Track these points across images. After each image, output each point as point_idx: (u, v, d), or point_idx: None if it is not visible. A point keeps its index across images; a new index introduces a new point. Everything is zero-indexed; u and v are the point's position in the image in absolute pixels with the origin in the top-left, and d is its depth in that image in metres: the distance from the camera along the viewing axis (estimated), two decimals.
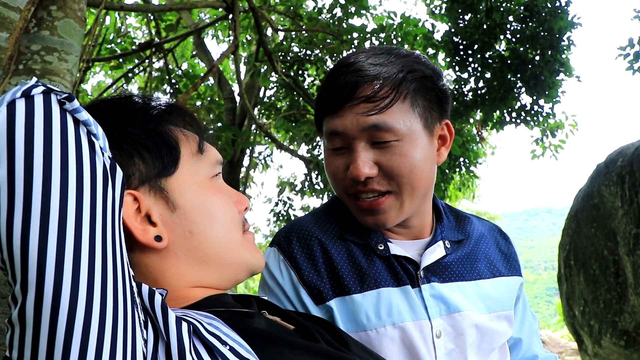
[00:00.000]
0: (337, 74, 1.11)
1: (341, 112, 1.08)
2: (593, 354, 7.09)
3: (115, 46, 8.63)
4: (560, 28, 7.15)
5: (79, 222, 0.57)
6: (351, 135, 1.08)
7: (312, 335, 0.83)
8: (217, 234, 0.85)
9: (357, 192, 1.12)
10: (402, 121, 1.06)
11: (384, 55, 1.11)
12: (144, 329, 0.64)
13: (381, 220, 1.13)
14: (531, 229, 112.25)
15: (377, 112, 1.05)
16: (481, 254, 1.27)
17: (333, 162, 1.14)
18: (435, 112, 1.14)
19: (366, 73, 1.07)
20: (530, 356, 1.38)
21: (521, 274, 1.34)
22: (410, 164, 1.08)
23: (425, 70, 1.12)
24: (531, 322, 1.40)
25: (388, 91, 1.06)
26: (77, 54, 2.58)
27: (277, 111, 9.35)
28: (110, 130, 0.79)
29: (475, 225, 1.34)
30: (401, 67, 1.09)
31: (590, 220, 6.91)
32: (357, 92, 1.06)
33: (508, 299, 1.27)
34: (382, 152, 1.08)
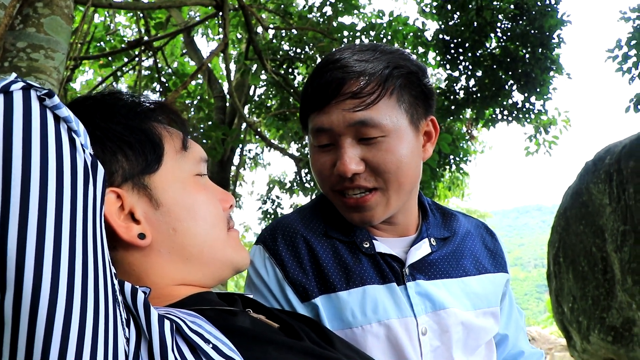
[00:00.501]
0: (322, 70, 1.10)
1: (327, 108, 1.07)
2: (581, 350, 7.14)
3: (104, 44, 8.58)
4: (550, 26, 7.19)
5: (59, 220, 0.56)
6: (337, 132, 1.07)
7: (297, 334, 0.82)
8: (201, 232, 0.84)
9: (343, 189, 1.11)
10: (388, 117, 1.06)
11: (370, 52, 1.11)
12: (126, 327, 0.63)
13: (368, 217, 1.13)
14: (521, 226, 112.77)
15: (363, 108, 1.05)
16: (467, 250, 1.27)
17: (319, 159, 1.14)
18: (420, 108, 1.14)
19: (352, 69, 1.06)
20: (516, 352, 1.38)
21: (507, 271, 1.34)
22: (397, 159, 1.07)
23: (410, 66, 1.12)
24: (517, 318, 1.40)
25: (374, 87, 1.05)
26: (64, 51, 2.56)
27: (267, 109, 9.35)
28: (93, 128, 0.78)
29: (462, 222, 1.33)
30: (387, 63, 1.09)
31: (579, 218, 6.96)
32: (343, 88, 1.06)
33: (494, 296, 1.27)
34: (368, 148, 1.07)
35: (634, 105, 5.13)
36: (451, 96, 8.06)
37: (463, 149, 8.37)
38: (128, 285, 0.67)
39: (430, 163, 5.28)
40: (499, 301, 1.29)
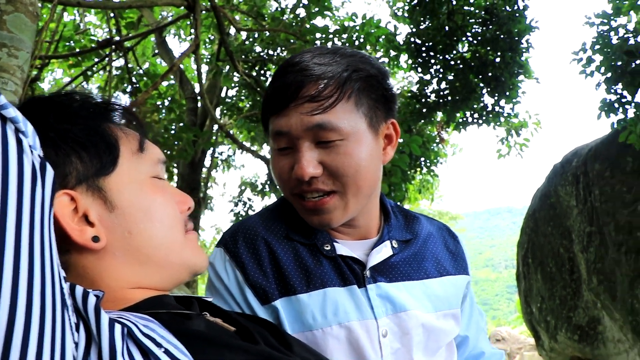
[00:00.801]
0: (282, 73, 1.10)
1: (286, 111, 1.07)
2: (549, 349, 7.27)
3: (73, 44, 8.45)
4: (519, 31, 7.31)
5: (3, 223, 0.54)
6: (295, 135, 1.07)
7: (253, 337, 0.82)
8: (157, 234, 0.83)
9: (302, 192, 1.11)
10: (346, 120, 1.06)
11: (330, 55, 1.11)
12: (76, 331, 0.62)
13: (326, 220, 1.13)
14: (492, 228, 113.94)
15: (321, 112, 1.04)
16: (429, 253, 1.28)
17: (279, 162, 1.13)
18: (380, 111, 1.14)
19: (311, 72, 1.06)
20: (477, 353, 1.40)
21: (468, 273, 1.35)
22: (355, 163, 1.07)
23: (370, 69, 1.12)
24: (478, 319, 1.41)
25: (332, 90, 1.05)
26: (28, 50, 2.51)
27: (239, 111, 9.30)
28: (46, 129, 0.77)
29: (424, 225, 1.34)
30: (346, 66, 1.09)
31: (547, 219, 7.09)
32: (301, 92, 1.05)
33: (455, 298, 1.28)
34: (326, 152, 1.07)
35: (605, 112, 5.24)
36: (422, 99, 8.13)
37: (434, 152, 8.45)
38: (79, 289, 0.66)
39: (401, 165, 5.32)
40: (460, 303, 1.30)
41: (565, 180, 6.64)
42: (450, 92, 7.89)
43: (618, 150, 5.76)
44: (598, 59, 5.20)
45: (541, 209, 7.29)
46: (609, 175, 5.81)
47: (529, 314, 7.63)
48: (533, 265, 7.37)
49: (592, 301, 6.18)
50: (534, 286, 7.36)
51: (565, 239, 6.68)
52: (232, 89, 10.06)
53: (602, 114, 5.26)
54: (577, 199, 6.35)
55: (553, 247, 6.93)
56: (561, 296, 6.75)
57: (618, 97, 5.18)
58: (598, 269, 5.84)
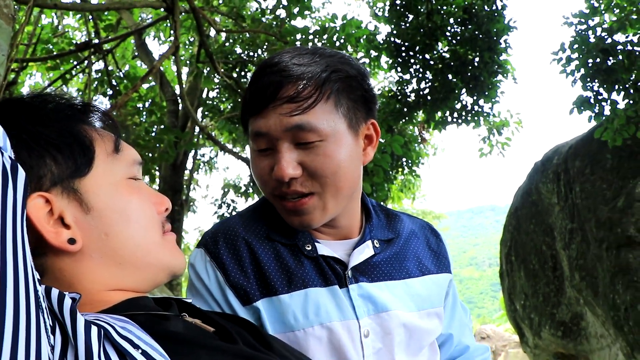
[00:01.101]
0: (261, 74, 1.09)
1: (265, 112, 1.07)
2: (533, 346, 7.33)
3: (52, 46, 8.36)
4: (497, 31, 7.38)
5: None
6: (275, 136, 1.06)
7: (232, 337, 0.82)
8: (134, 235, 0.82)
9: (281, 194, 1.11)
10: (325, 121, 1.06)
11: (309, 55, 1.11)
12: (52, 334, 0.62)
13: (306, 221, 1.12)
14: (476, 226, 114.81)
15: (300, 113, 1.04)
16: (410, 252, 1.28)
17: (259, 163, 1.13)
18: (360, 112, 1.14)
19: (289, 73, 1.06)
20: (462, 348, 1.40)
21: (450, 271, 1.35)
22: (335, 164, 1.07)
23: (349, 70, 1.11)
24: (461, 315, 1.42)
25: (311, 91, 1.05)
26: (4, 52, 2.47)
27: (220, 113, 9.27)
28: (18, 131, 0.76)
29: (406, 224, 1.34)
30: (325, 66, 1.08)
31: (529, 217, 7.14)
32: (280, 92, 1.05)
33: (437, 296, 1.28)
34: (306, 153, 1.07)
35: (577, 107, 5.31)
36: (402, 99, 8.17)
37: (415, 152, 8.49)
38: (55, 292, 0.65)
39: (383, 165, 5.33)
40: (443, 301, 1.30)
41: (547, 177, 6.70)
42: (429, 92, 7.94)
43: (597, 148, 5.82)
44: (576, 57, 5.27)
45: (523, 207, 7.35)
46: (589, 172, 5.87)
47: (512, 311, 7.68)
48: (516, 262, 7.42)
49: (574, 297, 6.24)
50: (518, 284, 7.41)
51: (547, 236, 6.74)
52: (212, 90, 10.03)
53: (575, 110, 5.32)
54: (559, 196, 6.40)
55: (535, 244, 6.99)
56: (544, 293, 6.81)
57: (594, 94, 5.25)
58: (580, 266, 5.89)
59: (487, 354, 1.43)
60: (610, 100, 5.19)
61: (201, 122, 9.23)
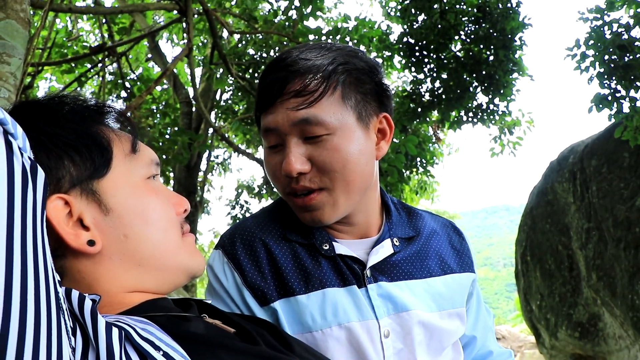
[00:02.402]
0: (269, 70, 1.09)
1: (273, 108, 1.06)
2: (550, 347, 7.26)
3: (66, 50, 8.43)
4: (512, 28, 7.32)
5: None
6: (283, 131, 1.06)
7: (253, 338, 0.81)
8: (153, 237, 0.82)
9: (292, 190, 1.10)
10: (332, 114, 1.04)
11: (317, 50, 1.10)
12: (72, 336, 0.61)
13: (317, 217, 1.11)
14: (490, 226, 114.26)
15: (306, 106, 1.03)
16: (432, 251, 1.25)
17: (271, 160, 1.12)
18: (370, 105, 1.12)
19: (296, 68, 1.05)
20: (485, 352, 1.37)
21: (474, 271, 1.32)
22: (343, 158, 1.05)
23: (357, 63, 1.10)
24: (486, 318, 1.39)
25: (317, 84, 1.04)
26: (20, 56, 2.49)
27: (233, 114, 9.30)
28: (37, 133, 0.76)
29: (427, 222, 1.32)
30: (332, 60, 1.07)
31: (545, 217, 7.08)
32: (287, 87, 1.04)
33: (460, 296, 1.25)
34: (314, 147, 1.06)
35: (595, 105, 5.24)
36: (416, 99, 8.14)
37: (430, 152, 8.45)
38: (75, 293, 0.65)
39: (398, 165, 5.30)
40: (465, 301, 1.28)
41: (562, 177, 6.64)
42: (444, 91, 7.90)
43: (615, 146, 5.76)
44: (592, 54, 5.20)
45: (538, 207, 7.29)
46: (606, 171, 5.81)
47: (528, 312, 7.62)
48: (532, 262, 7.36)
49: (592, 298, 6.17)
50: (533, 284, 7.35)
51: (563, 235, 6.68)
52: (226, 92, 10.07)
53: (594, 109, 5.26)
54: (575, 195, 6.34)
55: (551, 244, 6.93)
56: (561, 293, 6.75)
57: (612, 91, 5.18)
58: (597, 266, 5.83)
59: (510, 359, 1.40)
60: (629, 97, 5.12)
61: (215, 124, 9.26)
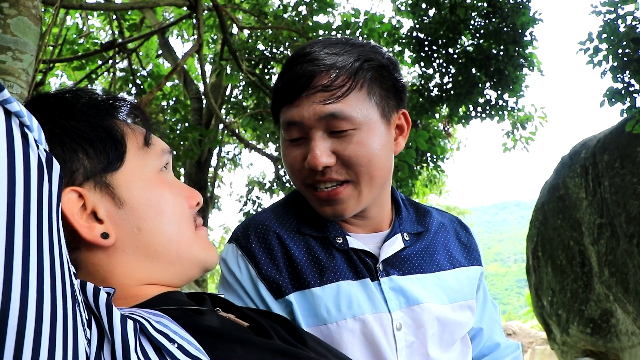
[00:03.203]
0: (293, 64, 1.10)
1: (298, 101, 1.07)
2: (561, 343, 7.23)
3: (77, 46, 8.47)
4: (523, 23, 7.27)
5: (11, 219, 0.53)
6: (308, 125, 1.07)
7: (267, 332, 0.81)
8: (167, 230, 0.82)
9: (315, 183, 1.11)
10: (359, 110, 1.06)
11: (340, 45, 1.11)
12: (87, 328, 0.62)
13: (340, 210, 1.12)
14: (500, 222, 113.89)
15: (333, 101, 1.04)
16: (440, 245, 1.28)
17: (290, 153, 1.13)
18: (392, 101, 1.14)
19: (322, 62, 1.06)
20: (492, 344, 1.39)
21: (481, 264, 1.35)
22: (368, 152, 1.07)
23: (381, 59, 1.12)
24: (492, 311, 1.41)
25: (344, 80, 1.05)
26: (32, 53, 2.50)
27: (243, 110, 9.31)
28: (52, 125, 0.76)
29: (435, 218, 1.34)
30: (357, 56, 1.09)
31: (556, 212, 7.04)
32: (313, 82, 1.05)
33: (469, 289, 1.27)
34: (339, 141, 1.07)
35: (608, 99, 5.19)
36: (425, 93, 8.11)
37: (440, 147, 8.42)
38: (90, 286, 0.66)
39: (408, 160, 5.29)
40: (474, 293, 1.30)
41: (574, 172, 6.59)
42: (453, 86, 7.87)
43: (627, 141, 5.71)
44: (605, 47, 5.15)
45: (550, 202, 7.24)
46: (619, 166, 5.76)
47: (540, 307, 7.59)
48: (543, 258, 7.32)
49: (604, 294, 6.13)
50: (545, 279, 7.31)
51: (575, 231, 6.63)
52: (236, 87, 10.08)
53: (606, 103, 5.21)
54: (587, 190, 6.30)
55: (563, 239, 6.89)
56: (572, 289, 6.71)
57: (625, 85, 5.13)
58: (609, 261, 5.79)
59: (518, 351, 1.41)
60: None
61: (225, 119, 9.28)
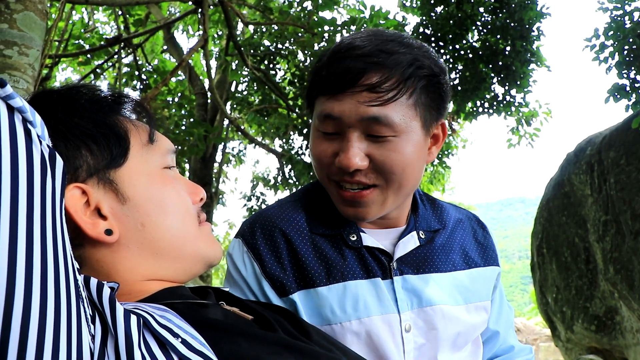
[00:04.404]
0: (341, 55, 1.04)
1: (341, 96, 1.02)
2: (566, 340, 7.22)
3: (83, 42, 8.49)
4: (530, 19, 7.24)
5: (14, 215, 0.53)
6: (347, 123, 1.02)
7: (271, 325, 0.81)
8: (171, 226, 0.82)
9: (341, 181, 1.07)
10: (402, 117, 1.01)
11: (394, 43, 1.04)
12: (92, 323, 0.61)
13: (362, 214, 1.09)
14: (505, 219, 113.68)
15: (379, 104, 0.99)
16: (456, 244, 1.24)
17: (321, 145, 1.09)
18: (435, 111, 1.08)
19: (373, 60, 1.00)
20: (506, 347, 1.36)
21: (498, 264, 1.31)
22: (403, 162, 1.03)
23: (433, 67, 1.05)
24: (508, 314, 1.38)
25: (394, 83, 1.00)
26: (38, 48, 2.51)
27: (249, 105, 9.30)
28: (55, 122, 0.76)
29: (452, 215, 1.30)
30: (412, 59, 1.02)
31: (562, 209, 7.01)
32: (361, 79, 1.00)
33: (485, 290, 1.24)
34: (376, 146, 1.03)
35: (613, 96, 5.17)
36: None
37: (445, 143, 8.40)
38: (94, 281, 0.65)
39: None
40: (490, 295, 1.26)
41: (579, 168, 6.56)
42: (460, 82, 7.84)
43: (633, 138, 5.68)
44: (611, 44, 5.13)
45: (555, 199, 7.22)
46: (625, 163, 5.73)
47: (544, 304, 7.57)
48: (548, 255, 7.30)
49: (609, 291, 6.12)
50: (549, 276, 7.29)
51: (580, 228, 6.61)
52: (241, 83, 10.07)
53: (611, 99, 5.18)
54: (592, 187, 6.27)
55: (568, 236, 6.86)
56: (577, 286, 6.69)
57: (631, 81, 5.11)
58: (614, 258, 5.77)
59: (531, 355, 1.38)
60: None
61: (230, 115, 9.28)
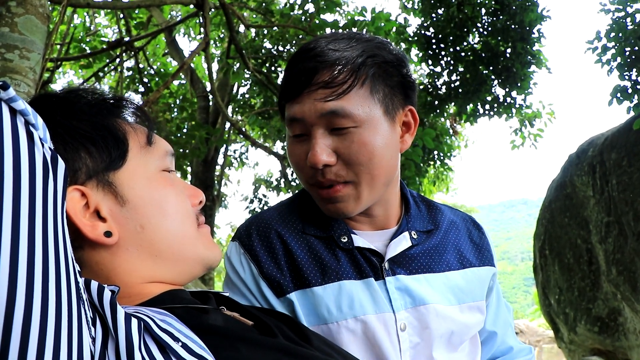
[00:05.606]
0: (297, 59, 1.08)
1: (300, 98, 1.05)
2: (569, 341, 7.20)
3: (84, 45, 8.50)
4: (531, 21, 7.23)
5: (16, 217, 0.53)
6: (309, 122, 1.05)
7: (271, 331, 0.81)
8: (170, 228, 0.83)
9: (316, 183, 1.09)
10: (360, 107, 1.04)
11: (345, 40, 1.08)
12: (92, 326, 0.62)
13: (341, 209, 1.10)
14: (507, 220, 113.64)
15: (334, 98, 1.02)
16: (450, 244, 1.25)
17: (295, 150, 1.12)
18: (397, 98, 1.11)
19: (325, 58, 1.04)
20: (505, 348, 1.36)
21: (494, 265, 1.31)
22: (369, 151, 1.05)
23: (386, 55, 1.09)
24: (505, 314, 1.38)
25: (346, 76, 1.03)
26: (39, 51, 2.52)
27: (250, 108, 9.32)
28: (54, 125, 0.77)
29: (447, 216, 1.31)
30: (361, 51, 1.06)
31: (564, 210, 7.01)
32: (315, 78, 1.03)
33: (479, 290, 1.24)
34: (340, 139, 1.05)
35: (616, 98, 5.17)
36: (433, 91, 8.09)
37: (447, 145, 8.41)
38: (94, 284, 0.66)
39: (415, 159, 5.28)
40: (485, 295, 1.27)
41: (581, 170, 6.56)
42: (461, 84, 7.84)
43: (635, 139, 5.68)
44: (613, 45, 5.13)
45: (557, 200, 7.21)
46: (627, 164, 5.73)
47: (547, 306, 7.56)
48: (550, 256, 7.30)
49: (611, 292, 6.11)
50: (552, 278, 7.28)
51: (582, 229, 6.60)
52: (243, 86, 10.09)
53: (614, 101, 5.18)
54: (594, 189, 6.27)
55: (570, 238, 6.86)
56: (580, 288, 6.68)
57: (632, 83, 5.11)
58: (617, 260, 5.76)
59: (530, 355, 1.38)
60: None
61: (232, 118, 9.29)
